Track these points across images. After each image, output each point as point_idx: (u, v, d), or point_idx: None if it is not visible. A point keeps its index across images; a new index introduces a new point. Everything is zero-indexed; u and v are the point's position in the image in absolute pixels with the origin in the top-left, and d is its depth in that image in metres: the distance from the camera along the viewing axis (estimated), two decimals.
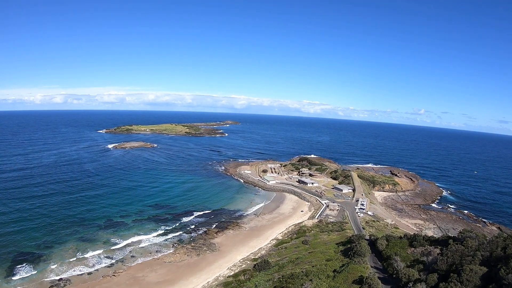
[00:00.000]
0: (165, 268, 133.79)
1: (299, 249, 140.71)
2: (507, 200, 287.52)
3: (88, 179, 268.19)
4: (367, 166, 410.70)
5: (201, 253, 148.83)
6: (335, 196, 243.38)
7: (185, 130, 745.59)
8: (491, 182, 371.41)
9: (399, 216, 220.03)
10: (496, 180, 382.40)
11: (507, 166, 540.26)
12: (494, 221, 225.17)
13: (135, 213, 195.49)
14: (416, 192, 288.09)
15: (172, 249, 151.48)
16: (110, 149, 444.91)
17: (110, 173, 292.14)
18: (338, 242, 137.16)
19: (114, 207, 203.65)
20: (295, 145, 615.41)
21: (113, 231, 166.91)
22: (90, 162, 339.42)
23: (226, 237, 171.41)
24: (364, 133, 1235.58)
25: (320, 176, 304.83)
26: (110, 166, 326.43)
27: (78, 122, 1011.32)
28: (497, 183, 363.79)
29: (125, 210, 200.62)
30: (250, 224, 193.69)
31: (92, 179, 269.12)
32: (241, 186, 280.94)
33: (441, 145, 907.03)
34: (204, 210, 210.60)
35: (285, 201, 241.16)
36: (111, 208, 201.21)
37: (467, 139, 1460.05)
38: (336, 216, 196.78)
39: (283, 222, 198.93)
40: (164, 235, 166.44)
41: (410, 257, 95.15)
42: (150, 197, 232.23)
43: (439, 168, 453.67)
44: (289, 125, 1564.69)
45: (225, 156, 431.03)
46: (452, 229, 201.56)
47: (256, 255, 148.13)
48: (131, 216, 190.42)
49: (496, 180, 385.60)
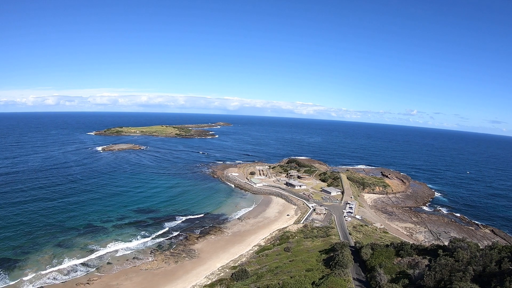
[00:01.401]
0: (141, 276, 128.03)
1: (280, 257, 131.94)
2: (501, 202, 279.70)
3: (71, 184, 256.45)
4: (357, 167, 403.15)
5: (180, 260, 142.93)
6: (323, 199, 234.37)
7: (175, 132, 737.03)
8: (484, 183, 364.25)
9: (389, 220, 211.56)
10: (489, 181, 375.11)
11: (500, 166, 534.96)
12: (487, 223, 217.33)
13: (116, 219, 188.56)
14: (407, 194, 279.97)
15: (150, 256, 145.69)
16: (98, 151, 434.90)
17: (94, 178, 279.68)
18: (321, 249, 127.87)
19: (95, 212, 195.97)
20: (286, 147, 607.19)
21: (91, 237, 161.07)
22: (76, 166, 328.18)
23: (207, 243, 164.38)
24: (357, 134, 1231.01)
25: (308, 178, 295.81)
26: (96, 169, 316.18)
27: (69, 124, 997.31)
28: (491, 185, 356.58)
29: (106, 215, 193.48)
30: (233, 229, 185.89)
31: (76, 184, 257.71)
32: (227, 189, 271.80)
33: (433, 146, 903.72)
34: (187, 215, 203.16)
35: (271, 205, 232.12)
36: (92, 213, 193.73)
37: (459, 140, 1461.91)
38: (322, 220, 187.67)
39: (268, 226, 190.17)
40: (143, 241, 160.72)
41: (396, 268, 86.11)
42: (133, 201, 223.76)
43: (431, 169, 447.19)
44: (281, 126, 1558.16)
45: (214, 158, 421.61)
46: (444, 232, 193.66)
47: (236, 262, 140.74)
48: (112, 221, 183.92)
49: (489, 181, 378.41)
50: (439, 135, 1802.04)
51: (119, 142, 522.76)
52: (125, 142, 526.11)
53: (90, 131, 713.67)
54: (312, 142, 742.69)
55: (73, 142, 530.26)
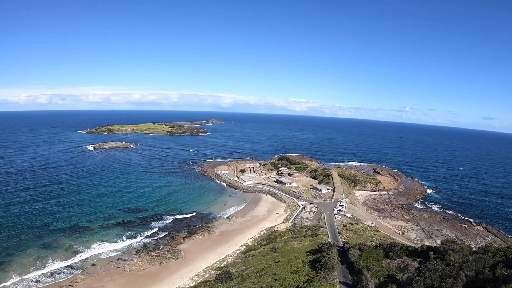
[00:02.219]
0: (124, 277, 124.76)
1: (267, 258, 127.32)
2: (494, 199, 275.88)
3: (59, 185, 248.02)
4: (349, 164, 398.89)
5: (165, 260, 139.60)
6: (314, 197, 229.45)
7: (167, 130, 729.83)
8: (478, 180, 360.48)
9: (380, 217, 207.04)
10: (482, 178, 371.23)
11: (493, 163, 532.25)
12: (480, 221, 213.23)
13: (102, 219, 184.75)
14: (399, 191, 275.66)
15: (135, 257, 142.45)
16: (88, 150, 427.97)
17: (83, 178, 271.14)
18: (309, 250, 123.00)
19: (82, 214, 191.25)
20: (278, 144, 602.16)
21: (77, 237, 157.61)
22: (65, 165, 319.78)
23: (193, 243, 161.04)
24: (350, 131, 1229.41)
25: (299, 176, 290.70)
26: (85, 169, 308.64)
27: (61, 123, 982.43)
28: (484, 181, 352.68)
29: (93, 215, 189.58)
30: (220, 229, 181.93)
31: (64, 185, 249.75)
32: (216, 187, 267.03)
33: (426, 142, 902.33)
34: (174, 214, 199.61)
35: (260, 203, 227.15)
36: (78, 215, 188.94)
37: (452, 136, 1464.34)
38: (312, 219, 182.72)
39: (256, 226, 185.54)
40: (129, 242, 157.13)
41: (384, 271, 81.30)
42: (121, 201, 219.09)
43: (424, 165, 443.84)
44: (274, 123, 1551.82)
45: (204, 155, 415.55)
46: (436, 230, 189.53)
47: (222, 263, 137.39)
48: (98, 221, 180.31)
49: (482, 178, 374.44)
50: (432, 132, 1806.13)
51: (110, 140, 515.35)
52: (116, 140, 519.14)
53: (81, 130, 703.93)
54: (304, 139, 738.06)
55: (63, 141, 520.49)
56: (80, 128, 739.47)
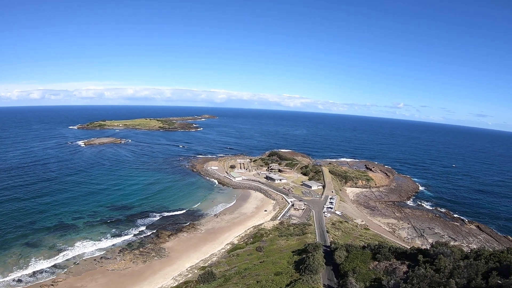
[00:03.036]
0: (106, 277, 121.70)
1: (251, 257, 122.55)
2: (487, 197, 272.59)
3: (46, 183, 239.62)
4: (341, 160, 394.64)
5: (148, 259, 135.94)
6: (303, 194, 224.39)
7: (159, 125, 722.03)
8: (470, 177, 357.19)
9: (371, 215, 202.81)
10: (475, 176, 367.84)
11: (486, 160, 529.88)
12: (472, 219, 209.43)
13: (88, 216, 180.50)
14: (391, 188, 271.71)
15: (119, 255, 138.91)
16: (78, 146, 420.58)
17: (71, 176, 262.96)
18: (295, 249, 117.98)
19: (68, 210, 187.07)
20: (270, 139, 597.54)
21: (61, 235, 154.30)
22: (54, 162, 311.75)
23: (178, 241, 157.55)
24: (343, 127, 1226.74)
25: (289, 172, 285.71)
26: (74, 166, 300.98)
27: (53, 119, 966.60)
28: (477, 179, 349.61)
29: (79, 212, 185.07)
30: (207, 226, 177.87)
31: (51, 182, 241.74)
32: (205, 183, 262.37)
33: (419, 139, 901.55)
34: (161, 211, 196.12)
35: (249, 200, 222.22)
36: (64, 213, 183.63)
37: (446, 133, 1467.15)
38: (300, 216, 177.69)
39: (243, 223, 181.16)
40: (113, 240, 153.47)
41: (371, 274, 76.52)
42: (108, 198, 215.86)
43: (417, 162, 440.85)
44: (267, 118, 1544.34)
45: (195, 151, 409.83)
46: (428, 228, 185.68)
47: (206, 262, 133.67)
48: (84, 218, 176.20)
49: (475, 175, 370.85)
50: (425, 128, 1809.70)
51: (101, 136, 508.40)
52: (107, 136, 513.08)
53: (73, 125, 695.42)
54: (297, 135, 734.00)
55: (54, 137, 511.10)
56: (72, 124, 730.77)
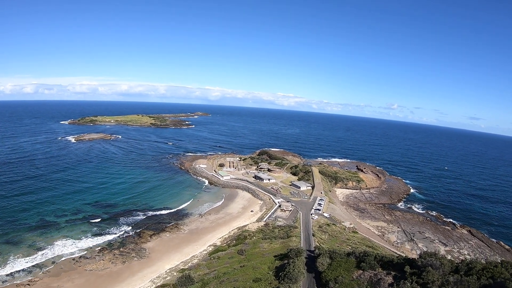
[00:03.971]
0: (84, 277, 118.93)
1: (232, 261, 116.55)
2: (479, 201, 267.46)
3: (31, 181, 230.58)
4: (332, 160, 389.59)
5: (128, 260, 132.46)
6: (292, 194, 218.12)
7: (151, 122, 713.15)
8: (463, 180, 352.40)
9: (360, 218, 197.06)
10: (468, 179, 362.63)
11: (479, 164, 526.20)
12: (464, 223, 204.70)
13: (71, 214, 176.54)
14: (382, 190, 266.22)
15: (98, 255, 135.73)
16: (67, 141, 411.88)
17: (57, 173, 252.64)
18: (277, 254, 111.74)
19: (51, 209, 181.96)
20: (262, 138, 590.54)
21: (42, 233, 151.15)
22: (41, 158, 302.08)
23: (160, 241, 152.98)
24: (336, 127, 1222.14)
25: (279, 172, 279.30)
26: (61, 162, 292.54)
27: (45, 113, 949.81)
28: (469, 182, 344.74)
29: (62, 209, 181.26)
30: (190, 226, 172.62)
31: (36, 180, 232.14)
32: (192, 182, 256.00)
33: (412, 140, 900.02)
34: (146, 210, 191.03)
35: (236, 199, 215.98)
36: (47, 210, 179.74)
37: (439, 135, 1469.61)
38: (287, 218, 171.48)
39: (228, 224, 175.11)
40: (94, 239, 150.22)
41: (354, 285, 70.45)
42: (93, 195, 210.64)
43: (409, 164, 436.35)
44: (261, 117, 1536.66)
45: (185, 149, 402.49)
46: (418, 232, 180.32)
47: (187, 264, 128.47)
48: (67, 216, 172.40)
49: (468, 179, 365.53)
50: (419, 130, 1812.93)
51: (91, 132, 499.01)
52: (97, 132, 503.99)
53: (64, 120, 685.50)
54: (289, 134, 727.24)
55: (44, 132, 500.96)
56: (63, 119, 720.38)
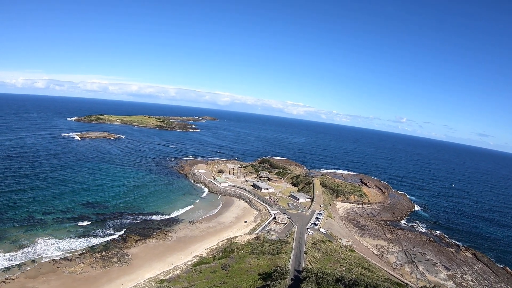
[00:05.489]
0: (60, 279, 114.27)
1: (214, 276, 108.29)
2: (486, 222, 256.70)
3: (27, 178, 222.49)
4: (336, 172, 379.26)
5: (108, 265, 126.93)
6: (289, 206, 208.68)
7: (156, 123, 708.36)
8: (470, 200, 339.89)
9: (360, 235, 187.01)
10: (475, 199, 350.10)
11: (488, 182, 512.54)
12: (469, 245, 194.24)
13: (60, 211, 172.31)
14: (385, 206, 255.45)
15: (79, 257, 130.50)
16: (70, 138, 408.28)
17: (54, 172, 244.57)
18: (262, 272, 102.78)
19: (42, 205, 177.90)
20: (267, 146, 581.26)
21: (27, 230, 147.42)
22: (41, 154, 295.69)
23: (145, 248, 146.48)
24: (344, 138, 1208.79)
25: (279, 181, 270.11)
26: (60, 159, 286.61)
27: (52, 109, 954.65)
28: (476, 202, 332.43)
29: (51, 206, 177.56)
30: (179, 234, 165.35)
31: (31, 178, 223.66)
32: (188, 187, 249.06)
33: (420, 155, 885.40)
34: (136, 213, 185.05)
35: (230, 208, 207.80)
36: (37, 208, 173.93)
37: (448, 150, 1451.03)
38: (281, 231, 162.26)
39: (218, 234, 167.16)
40: (77, 240, 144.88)
41: None
42: (85, 194, 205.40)
43: (415, 179, 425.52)
44: (268, 124, 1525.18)
45: (186, 152, 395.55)
46: (420, 254, 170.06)
47: (168, 275, 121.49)
48: (55, 213, 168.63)
49: (475, 198, 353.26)
50: (427, 144, 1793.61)
51: (95, 130, 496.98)
52: (101, 130, 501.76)
53: (70, 117, 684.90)
54: (295, 143, 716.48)
55: (49, 127, 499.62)
56: (70, 115, 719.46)
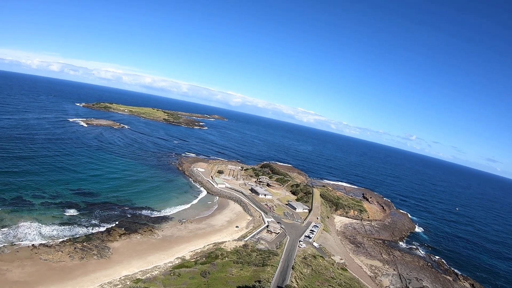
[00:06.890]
0: (36, 266, 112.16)
1: (191, 282, 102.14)
2: (488, 250, 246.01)
3: (22, 161, 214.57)
4: (339, 184, 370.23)
5: (87, 256, 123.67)
6: (285, 215, 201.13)
7: (164, 117, 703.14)
8: (473, 225, 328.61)
9: (354, 253, 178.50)
10: (478, 225, 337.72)
11: (493, 209, 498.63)
12: (468, 275, 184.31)
13: (50, 196, 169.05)
14: (385, 224, 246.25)
15: (59, 245, 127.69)
16: (75, 123, 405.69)
17: (52, 157, 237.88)
18: (242, 285, 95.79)
19: (32, 188, 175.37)
20: (272, 150, 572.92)
21: (12, 210, 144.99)
22: (42, 137, 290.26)
23: (128, 243, 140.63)
24: (351, 150, 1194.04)
25: (278, 188, 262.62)
26: (60, 144, 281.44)
27: (63, 93, 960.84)
28: (480, 229, 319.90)
29: (42, 191, 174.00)
30: (166, 232, 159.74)
31: (26, 161, 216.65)
32: (185, 184, 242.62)
33: (426, 175, 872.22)
34: (125, 206, 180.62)
35: (224, 211, 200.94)
36: (28, 188, 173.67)
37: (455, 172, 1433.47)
38: (271, 241, 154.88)
39: (206, 237, 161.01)
40: (61, 226, 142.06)
41: None
42: (78, 180, 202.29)
43: (419, 199, 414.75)
44: (277, 129, 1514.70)
45: (188, 149, 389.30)
46: (416, 279, 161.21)
47: (145, 275, 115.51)
48: (44, 198, 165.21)
49: (478, 225, 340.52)
50: (435, 165, 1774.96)
51: (101, 118, 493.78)
52: (107, 119, 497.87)
53: (79, 102, 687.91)
54: (301, 150, 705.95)
55: (56, 110, 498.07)
56: (79, 101, 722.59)
